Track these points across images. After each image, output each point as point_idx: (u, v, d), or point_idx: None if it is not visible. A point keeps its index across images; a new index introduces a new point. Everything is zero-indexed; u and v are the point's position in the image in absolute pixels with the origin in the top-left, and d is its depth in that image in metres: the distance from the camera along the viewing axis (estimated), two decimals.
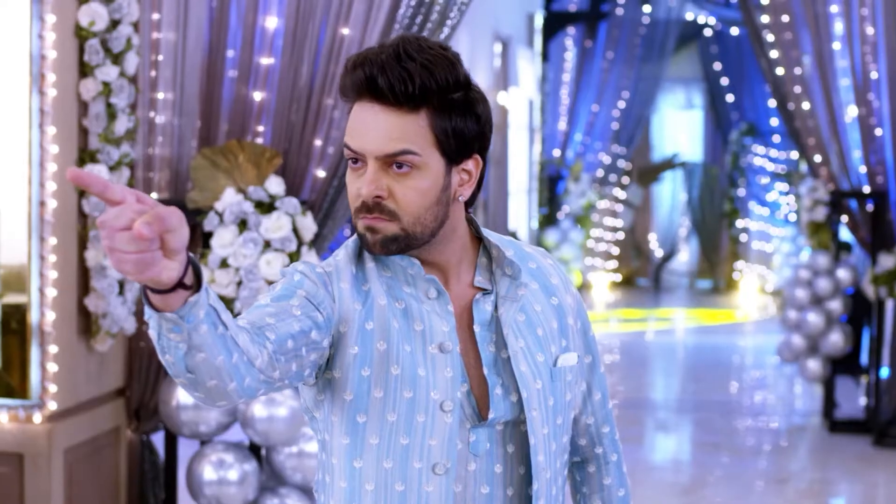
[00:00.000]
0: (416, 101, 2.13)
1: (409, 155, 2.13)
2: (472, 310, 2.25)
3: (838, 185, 9.21)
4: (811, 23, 8.96)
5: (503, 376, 2.24)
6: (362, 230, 2.17)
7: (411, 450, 2.18)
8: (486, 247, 2.30)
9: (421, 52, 2.14)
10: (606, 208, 17.55)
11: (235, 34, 5.53)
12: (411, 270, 2.22)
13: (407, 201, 2.15)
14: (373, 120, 2.14)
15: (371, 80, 2.12)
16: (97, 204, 5.20)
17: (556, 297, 2.34)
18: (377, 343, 2.18)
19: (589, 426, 2.46)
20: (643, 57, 16.76)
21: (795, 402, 10.88)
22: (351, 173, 2.18)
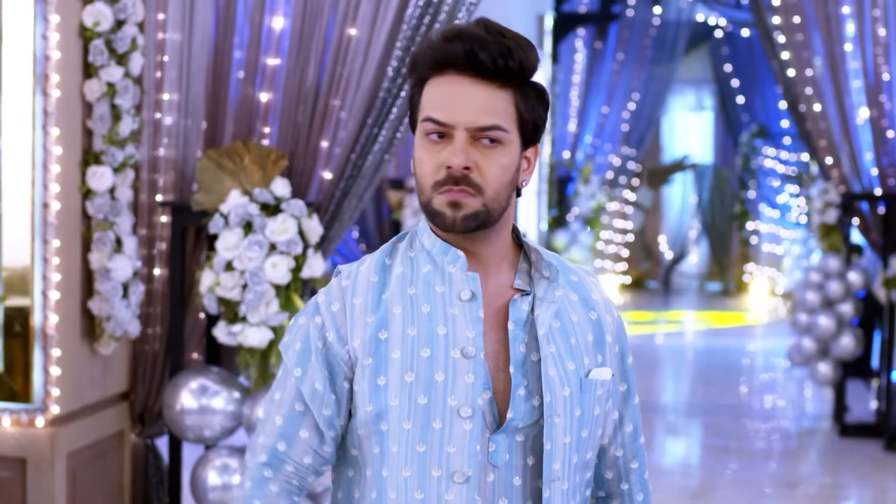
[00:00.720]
0: (510, 78, 2.16)
1: (499, 130, 2.16)
2: (507, 309, 2.23)
3: (850, 188, 9.16)
4: (823, 24, 8.91)
5: (529, 378, 2.21)
6: (442, 206, 2.16)
7: (429, 457, 2.16)
8: (527, 252, 2.30)
9: (509, 32, 2.18)
10: (616, 210, 17.49)
11: (242, 34, 5.49)
12: (452, 267, 2.21)
13: (492, 175, 2.16)
14: (465, 92, 2.15)
15: (471, 53, 2.14)
16: (101, 206, 5.15)
17: (595, 312, 2.31)
18: (391, 352, 2.18)
19: (617, 459, 2.41)
20: (653, 58, 16.70)
21: (806, 406, 10.81)
22: (430, 147, 2.18)
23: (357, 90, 5.36)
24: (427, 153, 2.18)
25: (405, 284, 2.23)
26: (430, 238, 2.25)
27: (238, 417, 5.29)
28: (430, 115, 2.17)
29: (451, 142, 2.16)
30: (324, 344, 2.24)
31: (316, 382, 2.24)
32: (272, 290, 5.11)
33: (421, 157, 2.19)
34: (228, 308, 5.15)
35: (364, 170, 5.46)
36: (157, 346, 5.62)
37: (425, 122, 2.18)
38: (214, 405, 5.25)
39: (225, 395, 5.26)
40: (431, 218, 2.19)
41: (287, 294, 5.14)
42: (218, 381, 5.28)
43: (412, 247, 2.28)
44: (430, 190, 2.18)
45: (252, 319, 5.10)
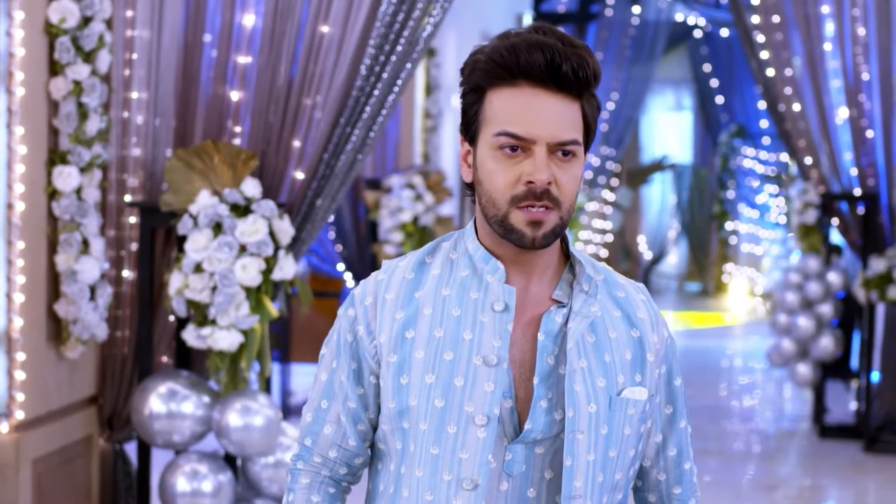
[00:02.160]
0: (585, 89, 2.13)
1: (575, 145, 2.14)
2: (541, 319, 2.19)
3: (829, 188, 9.12)
4: (802, 24, 8.87)
5: (554, 391, 2.17)
6: (521, 224, 2.13)
7: (441, 461, 2.15)
8: (573, 263, 2.25)
9: (574, 40, 2.14)
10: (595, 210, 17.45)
11: (212, 32, 5.40)
12: (491, 277, 2.19)
13: (569, 188, 2.13)
14: (544, 106, 2.11)
15: (553, 65, 2.09)
16: (67, 206, 5.05)
17: (638, 330, 2.25)
18: (415, 352, 2.17)
19: (659, 483, 2.35)
20: (632, 58, 16.65)
21: (785, 407, 10.78)
22: (504, 159, 2.13)
23: (330, 88, 5.27)
24: (500, 165, 2.13)
25: (441, 285, 2.21)
26: (473, 243, 2.22)
27: (208, 422, 5.19)
28: (508, 129, 2.11)
29: (529, 155, 2.11)
30: (354, 337, 2.24)
31: (343, 375, 2.25)
32: (242, 292, 5.01)
33: (492, 168, 2.14)
34: (198, 311, 5.05)
35: (337, 170, 5.37)
36: (125, 350, 5.52)
37: (501, 137, 2.12)
38: (184, 410, 5.15)
39: (194, 399, 5.16)
40: (506, 233, 2.14)
41: (258, 296, 5.05)
42: (187, 386, 5.19)
43: (455, 249, 2.25)
44: (508, 204, 2.13)
45: (222, 322, 5.01)
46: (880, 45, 8.72)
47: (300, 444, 2.33)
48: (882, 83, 8.76)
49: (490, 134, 2.14)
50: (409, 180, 9.91)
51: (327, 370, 2.28)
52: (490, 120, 2.14)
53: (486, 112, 2.14)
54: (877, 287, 8.66)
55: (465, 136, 2.20)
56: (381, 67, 5.35)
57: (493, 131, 2.13)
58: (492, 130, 2.13)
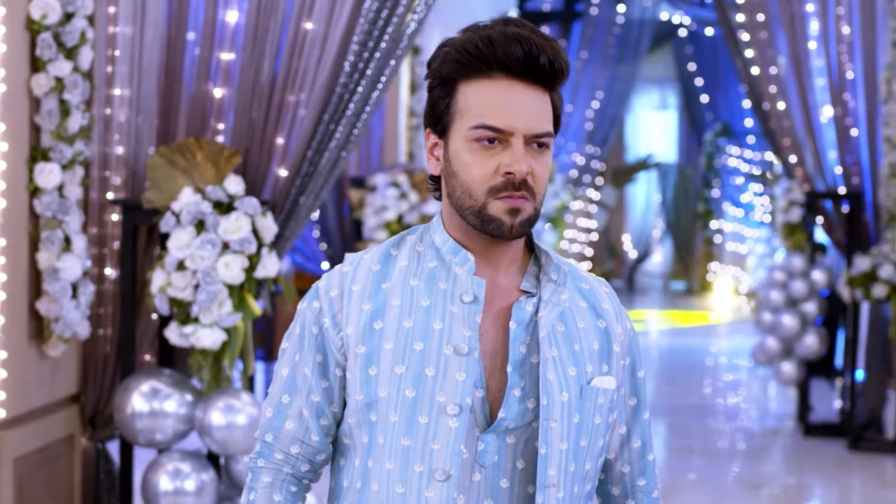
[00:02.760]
0: (558, 81, 2.15)
1: (549, 137, 2.15)
2: (511, 309, 2.19)
3: (813, 186, 9.12)
4: (787, 22, 8.87)
5: (527, 380, 2.16)
6: (500, 213, 2.13)
7: (412, 452, 2.13)
8: (537, 255, 2.26)
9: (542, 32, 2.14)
10: (580, 209, 17.45)
11: (195, 29, 5.36)
12: (460, 269, 2.18)
13: (543, 178, 2.15)
14: (520, 98, 2.11)
15: (531, 57, 2.09)
16: (49, 204, 5.01)
17: (605, 321, 2.27)
18: (384, 343, 2.15)
19: (623, 475, 2.36)
20: (617, 57, 16.66)
21: (770, 406, 10.78)
22: (481, 151, 2.13)
23: (313, 85, 5.25)
24: (477, 157, 2.13)
25: (408, 276, 2.20)
26: (441, 236, 2.22)
27: (190, 421, 5.16)
28: (486, 122, 2.11)
29: (507, 147, 2.12)
30: (320, 329, 2.22)
31: (307, 368, 2.23)
32: (225, 290, 4.98)
33: (468, 160, 2.14)
34: (180, 309, 5.02)
35: (320, 167, 5.34)
36: (108, 348, 5.49)
37: (478, 129, 2.12)
38: (166, 408, 5.12)
39: (177, 397, 5.13)
40: (483, 224, 2.14)
41: (241, 294, 5.02)
42: (170, 384, 5.16)
43: (422, 242, 2.24)
44: (485, 195, 2.13)
45: (204, 320, 4.97)
46: (865, 44, 8.73)
47: (260, 441, 2.29)
48: (866, 82, 8.77)
49: (466, 126, 2.13)
50: (394, 179, 9.89)
51: (289, 364, 2.26)
52: (465, 112, 2.13)
53: (460, 104, 2.14)
54: (861, 285, 8.66)
55: (434, 128, 2.20)
56: (365, 64, 5.33)
57: (469, 124, 2.13)
58: (468, 123, 2.13)
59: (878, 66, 8.73)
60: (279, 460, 2.27)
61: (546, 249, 2.25)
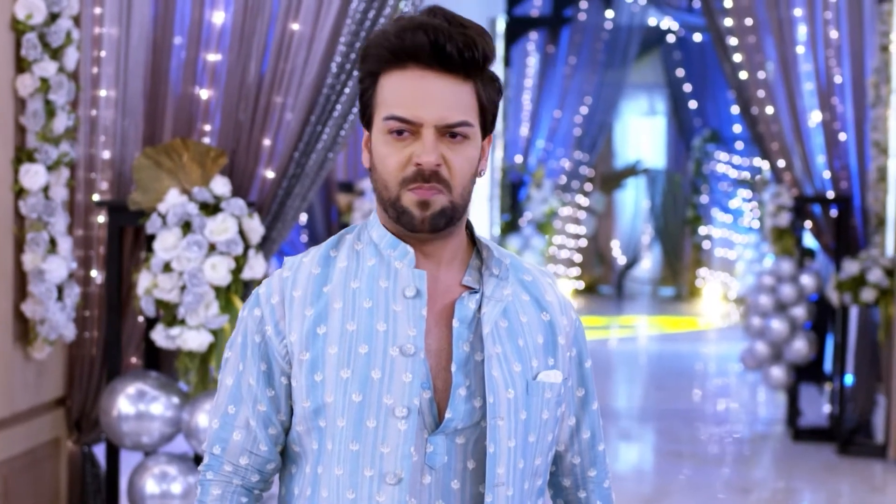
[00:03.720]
0: (474, 69, 2.09)
1: (466, 126, 2.10)
2: (454, 307, 2.16)
3: (802, 191, 9.12)
4: (775, 27, 8.88)
5: (472, 378, 2.13)
6: (411, 205, 2.10)
7: (361, 457, 2.10)
8: (479, 249, 2.22)
9: (466, 21, 2.11)
10: (569, 215, 17.44)
11: (181, 30, 5.34)
12: (399, 263, 2.15)
13: (459, 169, 2.10)
14: (430, 88, 2.08)
15: (437, 45, 2.06)
16: (34, 205, 4.98)
17: (548, 314, 2.24)
18: (329, 347, 2.12)
19: (574, 466, 2.33)
20: (606, 63, 16.66)
21: (759, 411, 10.77)
22: (392, 143, 2.10)
23: (300, 86, 5.23)
24: (390, 148, 2.11)
25: (349, 278, 2.16)
26: (379, 231, 2.18)
27: (177, 423, 5.13)
28: (395, 113, 2.09)
29: (418, 138, 2.09)
30: (262, 338, 2.18)
31: (251, 378, 2.19)
32: (212, 291, 4.96)
33: (383, 153, 2.11)
34: (167, 310, 5.00)
35: (307, 168, 5.32)
36: (93, 351, 5.45)
37: (389, 121, 2.09)
38: (153, 411, 5.09)
39: (163, 400, 5.10)
40: (398, 216, 2.12)
41: (227, 296, 5.00)
42: (156, 387, 5.13)
43: (360, 239, 2.21)
44: (398, 187, 2.10)
45: (191, 322, 4.95)
46: (852, 49, 8.74)
47: (209, 454, 2.24)
48: (854, 86, 8.77)
49: (380, 118, 2.11)
50: None
51: (233, 374, 2.21)
52: (380, 104, 2.12)
53: (378, 97, 2.12)
54: (850, 289, 8.66)
55: (363, 121, 2.18)
56: (351, 65, 5.31)
57: (382, 115, 2.11)
58: (381, 115, 2.11)
59: (866, 71, 8.74)
60: (228, 472, 2.22)
61: (487, 243, 2.21)
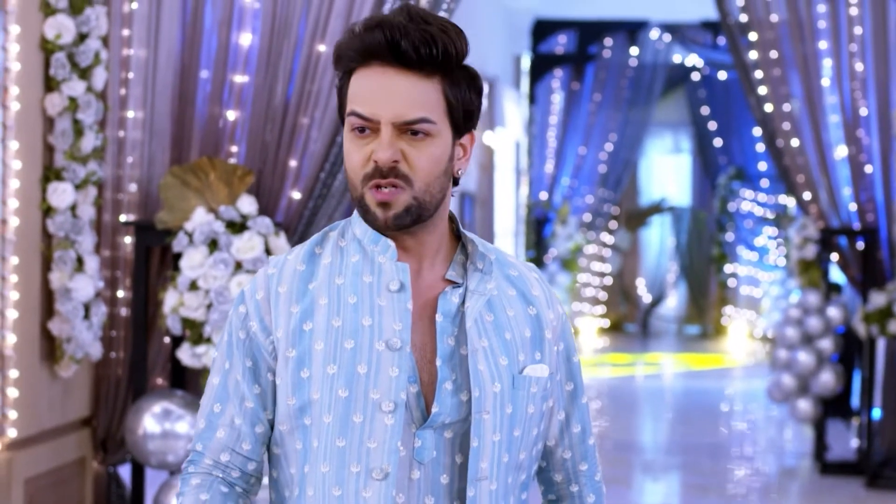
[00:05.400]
0: (434, 66, 2.08)
1: (426, 123, 2.08)
2: (437, 301, 2.15)
3: (828, 223, 9.08)
4: (800, 59, 8.87)
5: (458, 372, 2.12)
6: (372, 205, 2.10)
7: (348, 453, 2.08)
8: (464, 243, 2.21)
9: (433, 17, 2.10)
10: (594, 253, 17.41)
11: (208, 51, 5.38)
12: (382, 257, 2.14)
13: (420, 166, 2.09)
14: (389, 85, 2.08)
15: (392, 42, 2.06)
16: (62, 223, 5.01)
17: (535, 308, 2.22)
18: (315, 344, 2.11)
19: (565, 461, 2.31)
20: (630, 100, 16.67)
21: (786, 445, 10.69)
22: (355, 141, 2.11)
23: (326, 107, 5.26)
24: (353, 146, 2.12)
25: (333, 274, 2.16)
26: (361, 227, 2.17)
27: None
28: (355, 109, 2.10)
29: (378, 135, 2.09)
30: (247, 334, 2.17)
31: (238, 375, 2.17)
32: None
33: (348, 149, 2.13)
34: (193, 329, 5.00)
35: (333, 189, 5.34)
36: (120, 371, 5.47)
37: (350, 117, 2.11)
38: (178, 430, 5.10)
39: (189, 419, 5.11)
40: (364, 214, 2.13)
41: None
42: (182, 405, 5.13)
43: (343, 236, 2.21)
44: (361, 184, 2.11)
45: (217, 340, 4.95)
46: (878, 81, 8.72)
47: (192, 451, 2.23)
48: (880, 118, 8.75)
49: (346, 115, 2.13)
50: None
51: (219, 373, 2.20)
52: (347, 102, 2.13)
53: (348, 95, 2.13)
54: (877, 321, 8.61)
55: (341, 121, 2.19)
56: None
57: (346, 112, 2.13)
58: (346, 111, 2.13)
59: (892, 103, 8.72)
60: (208, 465, 2.20)
61: (473, 237, 2.21)
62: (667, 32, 16.22)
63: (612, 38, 16.25)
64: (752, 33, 9.00)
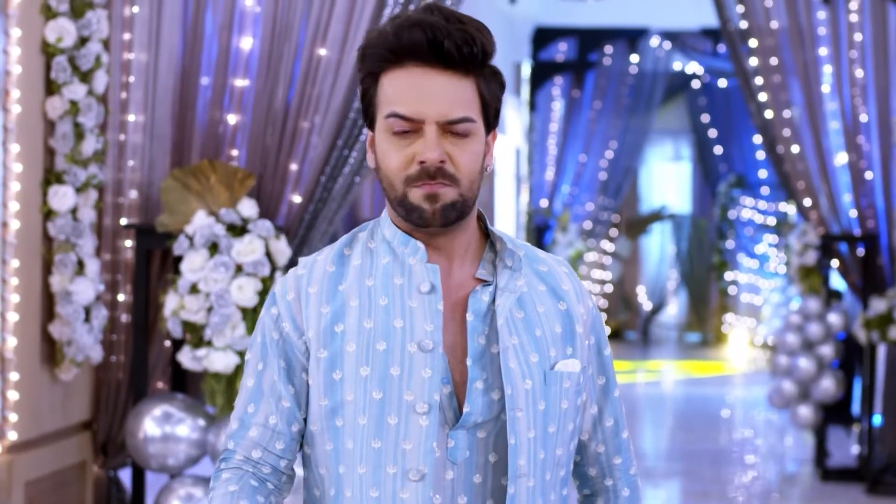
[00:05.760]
0: (474, 65, 2.09)
1: (468, 123, 2.09)
2: (468, 300, 2.15)
3: (828, 229, 9.08)
4: (800, 66, 8.88)
5: (489, 371, 2.12)
6: (419, 200, 2.09)
7: (384, 454, 2.09)
8: (493, 241, 2.22)
9: (464, 16, 2.11)
10: (594, 261, 17.40)
11: (209, 55, 5.39)
12: (412, 259, 2.14)
13: (464, 164, 2.10)
14: (431, 85, 2.08)
15: (435, 42, 2.06)
16: (62, 227, 5.01)
17: (565, 303, 2.22)
18: (347, 345, 2.11)
19: (599, 455, 2.31)
20: (631, 108, 16.67)
21: (786, 451, 10.68)
22: (397, 141, 2.10)
23: (327, 111, 5.26)
24: (393, 147, 2.10)
25: (363, 276, 2.16)
26: (391, 229, 2.17)
27: (203, 445, 5.13)
28: (396, 110, 2.08)
29: (420, 136, 2.09)
30: (280, 335, 2.18)
31: (273, 375, 2.18)
32: (238, 312, 4.97)
33: (386, 151, 2.11)
34: (193, 332, 5.01)
35: (334, 192, 5.35)
36: (120, 375, 5.47)
37: (391, 119, 2.09)
38: (179, 433, 5.09)
39: (189, 422, 5.10)
40: (408, 214, 2.11)
41: (254, 317, 5.00)
42: (182, 409, 5.13)
43: (373, 238, 2.20)
44: (403, 185, 2.10)
45: (217, 343, 4.95)
46: (878, 87, 8.73)
47: (224, 450, 2.24)
48: (880, 124, 8.75)
49: (382, 117, 2.11)
50: None
51: (254, 375, 2.21)
52: (382, 103, 2.12)
53: (380, 96, 2.12)
54: (878, 327, 8.61)
55: (366, 122, 2.18)
56: None
57: (384, 114, 2.11)
58: (383, 113, 2.11)
59: (892, 109, 8.72)
60: (239, 461, 2.21)
61: (501, 235, 2.20)
62: (667, 40, 16.23)
63: (612, 46, 16.26)
64: (753, 40, 9.01)
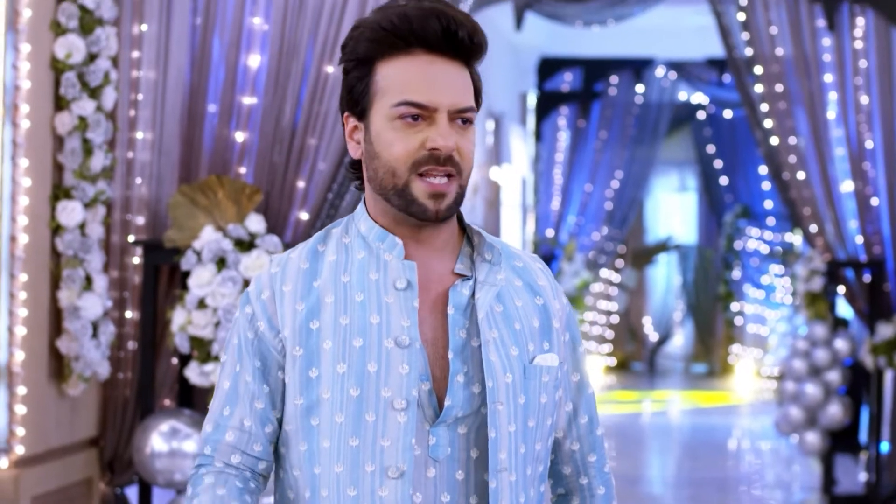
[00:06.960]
0: (477, 56, 2.12)
1: (472, 112, 2.12)
2: (448, 294, 2.14)
3: (834, 256, 9.08)
4: (805, 93, 8.90)
5: (469, 364, 2.11)
6: (423, 197, 2.08)
7: (362, 452, 2.07)
8: (469, 236, 2.21)
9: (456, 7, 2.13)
10: (600, 291, 17.38)
11: (217, 73, 5.41)
12: (388, 255, 2.12)
13: (467, 153, 2.11)
14: (442, 73, 2.09)
15: (449, 31, 2.07)
16: (70, 242, 5.03)
17: (542, 298, 2.22)
18: (323, 343, 2.10)
19: (573, 453, 2.30)
20: (636, 138, 16.69)
21: (794, 479, 10.64)
22: (405, 128, 2.09)
23: (334, 129, 5.28)
24: (400, 134, 2.09)
25: (339, 272, 2.14)
26: (366, 223, 2.16)
27: None
28: (410, 98, 2.08)
29: (431, 123, 2.08)
30: (255, 334, 2.16)
31: (247, 376, 2.16)
32: None
33: (391, 138, 2.09)
34: (201, 347, 5.01)
35: (341, 210, 5.36)
36: (127, 392, 5.47)
37: (401, 106, 2.08)
38: (185, 448, 5.09)
39: (196, 437, 5.10)
40: (407, 205, 2.10)
41: None
42: (189, 424, 5.13)
43: (347, 233, 2.19)
44: (408, 172, 2.08)
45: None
46: (883, 113, 8.75)
47: (199, 455, 2.22)
48: (886, 151, 8.76)
49: (388, 105, 2.09)
50: None
51: (230, 376, 2.19)
52: (385, 91, 2.10)
53: (380, 84, 2.11)
54: (884, 353, 8.59)
55: (353, 111, 2.16)
56: None
57: (391, 101, 2.09)
58: (389, 101, 2.09)
59: None
60: (219, 467, 2.19)
61: (478, 229, 2.20)
62: (672, 70, 16.28)
63: (617, 76, 16.30)
64: (758, 67, 9.04)
